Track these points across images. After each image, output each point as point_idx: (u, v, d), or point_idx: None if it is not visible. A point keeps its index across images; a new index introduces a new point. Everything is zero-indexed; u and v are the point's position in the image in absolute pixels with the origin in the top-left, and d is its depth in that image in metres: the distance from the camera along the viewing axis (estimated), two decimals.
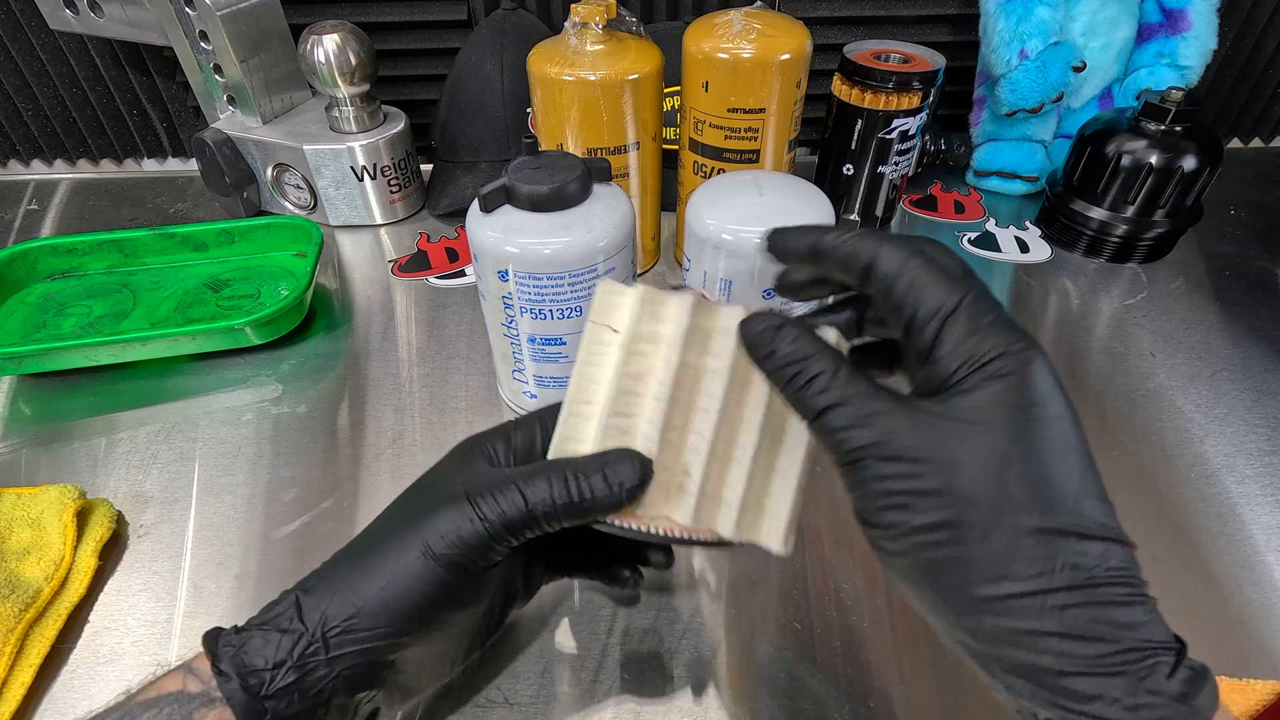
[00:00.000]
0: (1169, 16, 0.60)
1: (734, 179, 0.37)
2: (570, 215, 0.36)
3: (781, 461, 0.25)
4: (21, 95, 0.66)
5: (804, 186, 0.36)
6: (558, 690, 0.32)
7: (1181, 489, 0.41)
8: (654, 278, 0.57)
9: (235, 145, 0.60)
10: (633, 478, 0.24)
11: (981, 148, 0.66)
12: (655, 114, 0.49)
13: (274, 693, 0.24)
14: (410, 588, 0.24)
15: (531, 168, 0.36)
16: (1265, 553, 0.38)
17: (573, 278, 0.36)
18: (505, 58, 0.58)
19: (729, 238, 0.34)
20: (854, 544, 0.38)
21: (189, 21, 0.56)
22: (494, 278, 0.36)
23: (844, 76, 0.54)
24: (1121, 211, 0.56)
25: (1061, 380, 0.22)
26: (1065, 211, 0.59)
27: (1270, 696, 0.30)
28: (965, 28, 0.64)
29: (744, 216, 0.34)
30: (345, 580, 0.25)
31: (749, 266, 0.34)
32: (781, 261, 0.27)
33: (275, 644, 0.24)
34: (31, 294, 0.53)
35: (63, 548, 0.36)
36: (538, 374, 0.41)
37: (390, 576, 0.24)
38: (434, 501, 0.25)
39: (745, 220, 0.34)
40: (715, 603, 0.36)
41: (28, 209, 0.67)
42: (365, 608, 0.24)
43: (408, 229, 0.63)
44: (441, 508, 0.25)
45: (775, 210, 0.35)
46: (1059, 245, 0.60)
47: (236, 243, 0.56)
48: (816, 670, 0.33)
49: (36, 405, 0.47)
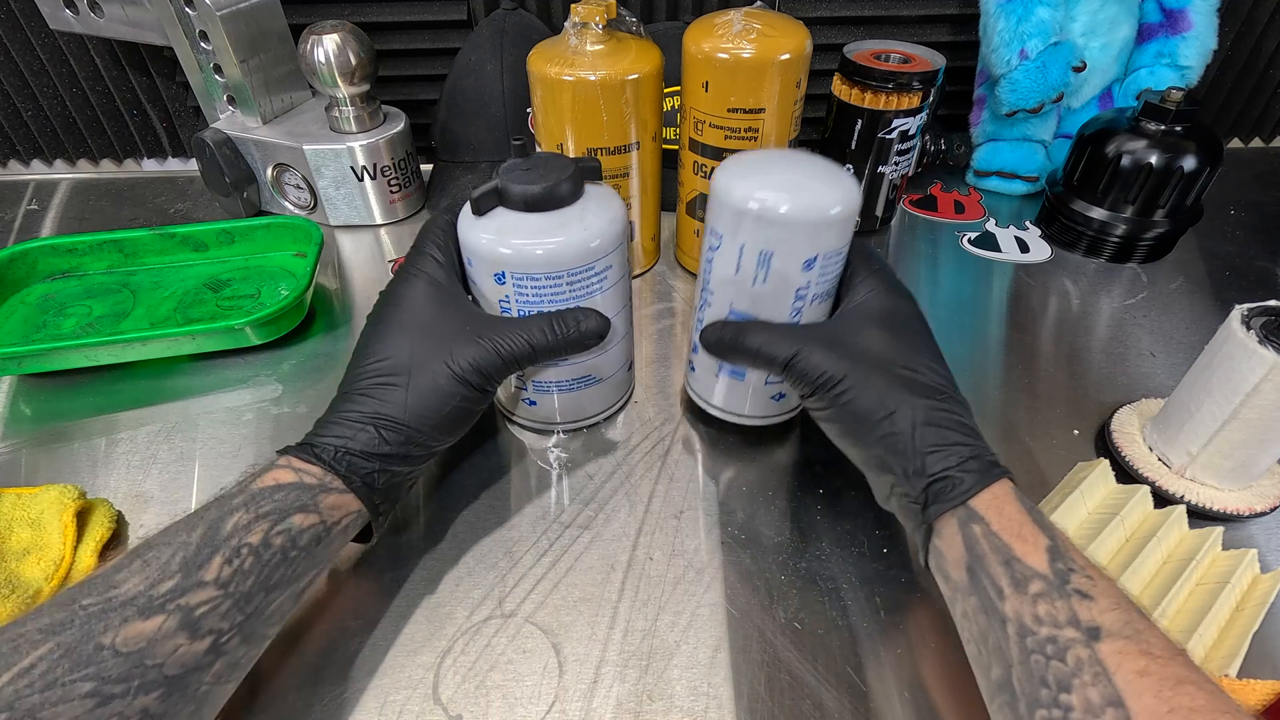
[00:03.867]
0: (1169, 16, 0.60)
1: (753, 155, 0.36)
2: (565, 214, 0.36)
3: None
4: (21, 95, 0.66)
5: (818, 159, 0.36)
6: (557, 690, 0.32)
7: None
8: (653, 277, 0.57)
9: (235, 145, 0.60)
10: (599, 326, 0.36)
11: (981, 148, 0.66)
12: (655, 114, 0.49)
13: (381, 485, 0.32)
14: (455, 406, 0.34)
15: (522, 169, 0.36)
16: (1266, 552, 0.38)
17: (570, 277, 0.36)
18: (505, 58, 0.58)
19: (786, 210, 0.33)
20: (854, 544, 0.38)
21: (189, 21, 0.56)
22: (490, 281, 0.36)
23: (844, 76, 0.54)
24: (1121, 211, 0.56)
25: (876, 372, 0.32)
26: (1065, 211, 0.59)
27: (1270, 696, 0.30)
28: (965, 28, 0.64)
29: (783, 184, 0.33)
30: (403, 404, 0.33)
31: (795, 236, 0.34)
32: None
33: (375, 456, 0.32)
34: (31, 294, 0.53)
35: (63, 548, 0.36)
36: (536, 379, 0.41)
37: (440, 398, 0.33)
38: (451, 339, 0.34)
39: (786, 188, 0.33)
40: (715, 603, 0.36)
41: (28, 209, 0.67)
42: (426, 422, 0.33)
43: (408, 229, 0.63)
44: (466, 347, 0.34)
45: (810, 179, 0.34)
46: (1059, 245, 0.60)
47: (236, 243, 0.56)
48: (816, 670, 0.33)
49: (36, 405, 0.47)
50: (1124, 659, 0.23)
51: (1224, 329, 0.37)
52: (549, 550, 0.38)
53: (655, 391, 0.47)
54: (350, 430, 0.32)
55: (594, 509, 0.40)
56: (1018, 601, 0.26)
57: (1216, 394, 0.37)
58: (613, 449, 0.43)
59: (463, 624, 0.35)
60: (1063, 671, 0.24)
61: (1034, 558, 0.27)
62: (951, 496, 0.29)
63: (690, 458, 0.43)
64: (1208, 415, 0.37)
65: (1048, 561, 0.26)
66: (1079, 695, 0.23)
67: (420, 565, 0.37)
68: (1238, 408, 0.36)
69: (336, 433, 0.32)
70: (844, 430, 0.33)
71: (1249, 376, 0.35)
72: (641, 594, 0.36)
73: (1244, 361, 0.35)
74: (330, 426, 0.33)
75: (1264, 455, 0.38)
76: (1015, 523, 0.28)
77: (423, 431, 0.33)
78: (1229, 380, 0.36)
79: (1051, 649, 0.24)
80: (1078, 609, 0.25)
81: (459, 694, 0.32)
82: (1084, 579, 0.26)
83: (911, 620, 0.35)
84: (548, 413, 0.43)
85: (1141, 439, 0.42)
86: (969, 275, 0.58)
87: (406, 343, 0.34)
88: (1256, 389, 0.35)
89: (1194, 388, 0.38)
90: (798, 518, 0.39)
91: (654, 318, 0.53)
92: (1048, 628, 0.25)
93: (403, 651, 0.34)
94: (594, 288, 0.37)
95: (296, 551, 0.29)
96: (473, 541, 0.38)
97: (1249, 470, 0.38)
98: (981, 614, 0.27)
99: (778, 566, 0.37)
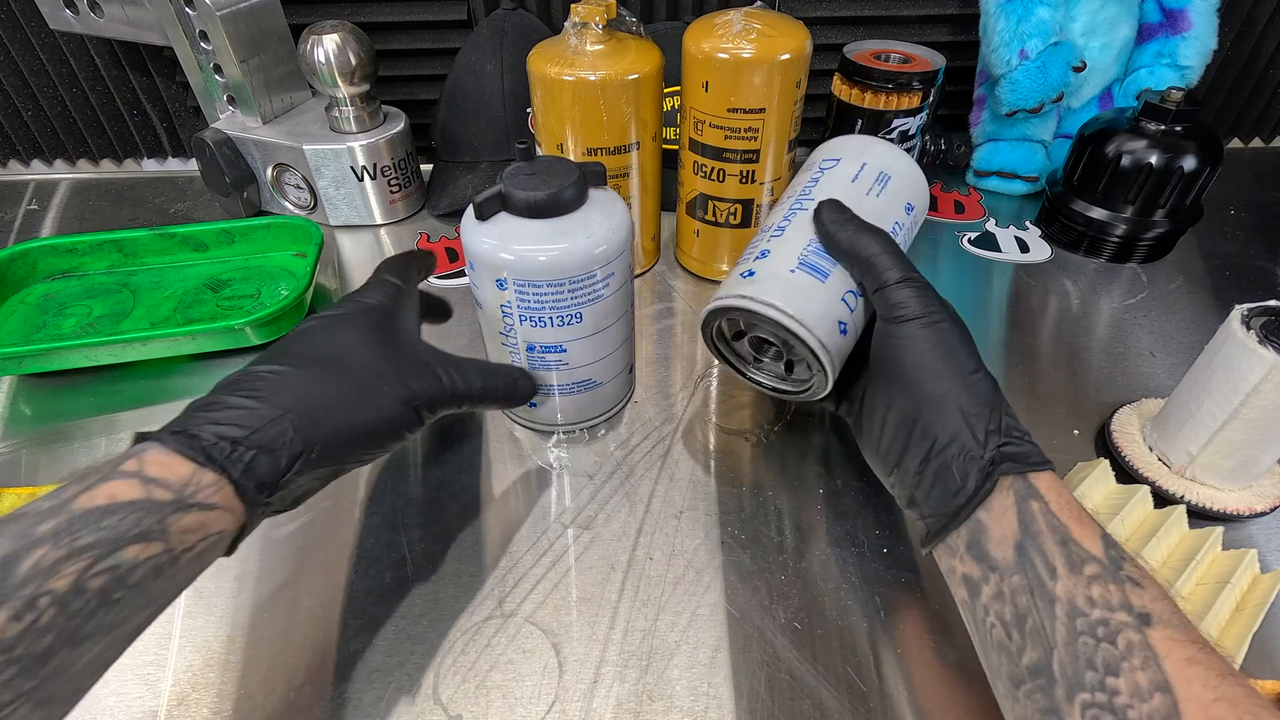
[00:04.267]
0: (1169, 16, 0.60)
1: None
2: (568, 221, 0.35)
3: None
4: (21, 95, 0.66)
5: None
6: (557, 689, 0.32)
7: None
8: (653, 277, 0.57)
9: (235, 145, 0.60)
10: (528, 388, 0.38)
11: (981, 148, 0.66)
12: (655, 114, 0.49)
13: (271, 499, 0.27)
14: (391, 426, 0.31)
15: (526, 174, 0.35)
16: (1266, 552, 0.38)
17: (573, 284, 0.36)
18: (505, 58, 0.58)
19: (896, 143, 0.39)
20: (854, 544, 0.38)
21: (189, 21, 0.56)
22: (491, 286, 0.36)
23: (844, 76, 0.54)
24: (1121, 211, 0.56)
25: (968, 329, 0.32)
26: (1065, 211, 0.59)
27: (1270, 696, 0.30)
28: (965, 28, 0.64)
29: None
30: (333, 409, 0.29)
31: (908, 170, 0.39)
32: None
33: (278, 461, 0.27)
34: (31, 294, 0.53)
35: None
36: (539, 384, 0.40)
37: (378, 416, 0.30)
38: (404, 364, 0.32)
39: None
40: (715, 603, 0.36)
41: (28, 209, 0.67)
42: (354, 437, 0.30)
43: (408, 229, 0.63)
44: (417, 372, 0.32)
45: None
46: (1059, 245, 0.60)
47: (236, 243, 0.56)
48: (816, 670, 0.33)
49: (37, 405, 0.47)
50: (1174, 646, 0.23)
51: (1224, 329, 0.37)
52: (549, 550, 0.38)
53: (655, 391, 0.47)
54: (254, 419, 0.27)
55: (594, 509, 0.40)
56: (1071, 582, 0.26)
57: (1216, 394, 0.37)
58: (613, 449, 0.43)
59: (463, 624, 0.35)
60: (1112, 655, 0.24)
61: (1090, 542, 0.26)
62: (1026, 459, 0.28)
63: (690, 458, 0.43)
64: (1208, 415, 0.37)
65: (1103, 547, 0.26)
66: (1127, 679, 0.23)
67: (420, 565, 0.37)
68: (1238, 408, 0.36)
69: (235, 419, 0.26)
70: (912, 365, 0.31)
71: (1249, 376, 0.35)
72: (641, 594, 0.36)
73: (1244, 361, 0.35)
74: (226, 409, 0.27)
75: (1264, 455, 0.38)
76: (1072, 506, 0.28)
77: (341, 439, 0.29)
78: (1229, 380, 0.36)
79: (1103, 631, 0.24)
80: (1130, 595, 0.25)
81: (459, 694, 0.32)
82: (1134, 568, 0.26)
83: (911, 620, 0.35)
84: (549, 414, 0.43)
85: (1141, 439, 0.42)
86: (969, 275, 0.58)
87: (356, 340, 0.32)
88: (1256, 389, 0.35)
89: (1194, 388, 0.38)
90: (798, 518, 0.39)
91: (654, 318, 0.53)
92: (1100, 610, 0.25)
93: (402, 652, 0.34)
94: (596, 294, 0.37)
95: (123, 592, 0.23)
96: (472, 541, 0.38)
97: (1249, 470, 0.39)
98: (1025, 593, 0.27)
99: (778, 566, 0.37)
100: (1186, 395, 0.39)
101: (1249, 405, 0.35)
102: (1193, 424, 0.38)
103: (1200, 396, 0.38)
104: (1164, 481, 0.40)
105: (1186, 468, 0.39)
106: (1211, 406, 0.37)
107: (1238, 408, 0.36)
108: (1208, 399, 0.37)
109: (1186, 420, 0.39)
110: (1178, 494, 0.39)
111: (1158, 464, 0.41)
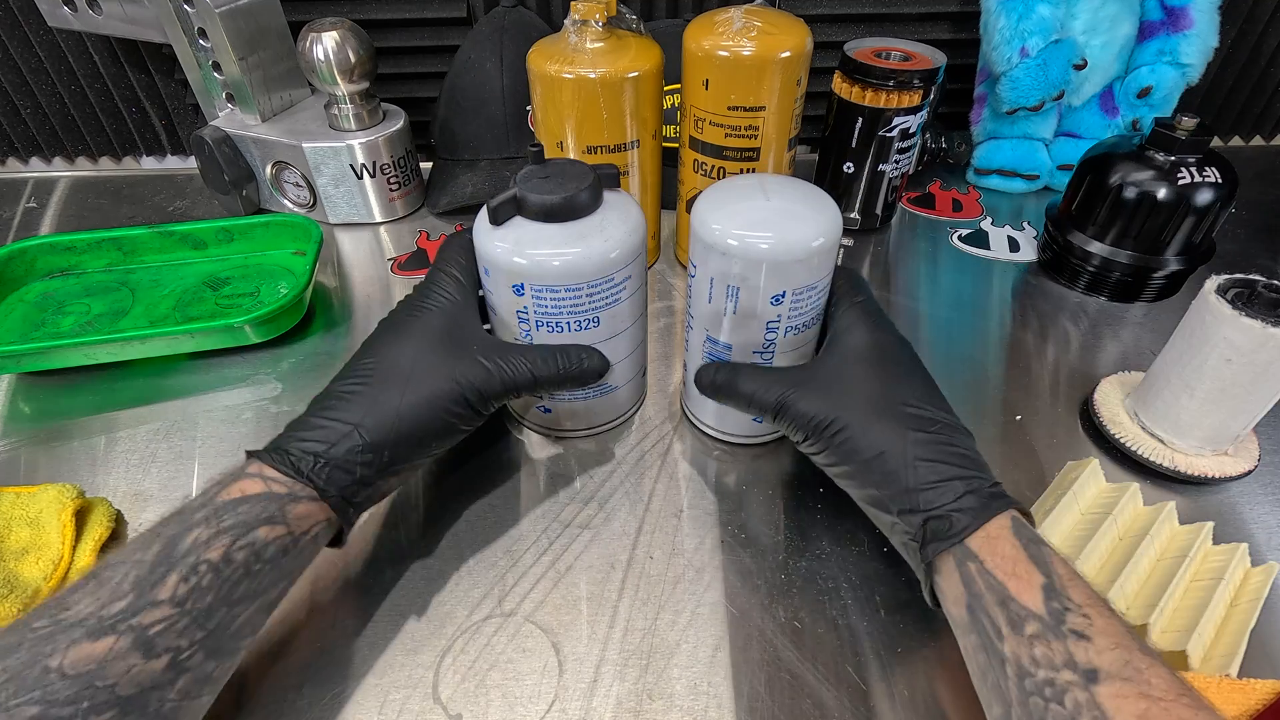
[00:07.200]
0: (1170, 14, 0.59)
1: (739, 183, 0.36)
2: (584, 225, 0.35)
3: None
4: (20, 93, 0.66)
5: (809, 190, 0.36)
6: (557, 688, 0.32)
7: None
8: (654, 276, 0.57)
9: (234, 143, 0.60)
10: (600, 365, 0.36)
11: (982, 146, 0.66)
12: (655, 112, 0.49)
13: (357, 500, 0.32)
14: (446, 421, 0.34)
15: (540, 177, 0.35)
16: (1266, 552, 0.38)
17: (590, 288, 0.35)
18: (505, 55, 0.58)
19: (735, 244, 0.33)
20: (854, 543, 0.38)
21: (188, 19, 0.56)
22: (508, 292, 0.36)
23: (844, 74, 0.54)
24: (1123, 247, 0.52)
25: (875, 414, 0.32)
26: (1061, 243, 0.55)
27: (1270, 696, 0.30)
28: (966, 25, 0.64)
29: (751, 222, 0.34)
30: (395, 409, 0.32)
31: (757, 273, 0.34)
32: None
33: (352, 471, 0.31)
34: (30, 292, 0.53)
35: (61, 547, 0.36)
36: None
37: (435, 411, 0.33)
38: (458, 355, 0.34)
39: (752, 226, 0.33)
40: (715, 602, 0.36)
41: (26, 207, 0.67)
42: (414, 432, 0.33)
43: (407, 227, 0.63)
44: (471, 365, 0.34)
45: (782, 215, 0.34)
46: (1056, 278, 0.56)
47: (236, 241, 0.56)
48: (816, 670, 0.33)
49: (35, 404, 0.47)
50: (1123, 702, 0.23)
51: (1199, 299, 0.38)
52: (549, 549, 0.38)
53: (655, 391, 0.47)
54: (332, 435, 0.31)
55: (594, 508, 0.40)
56: (1015, 643, 0.26)
57: (1194, 361, 0.38)
58: (613, 448, 0.43)
59: (462, 623, 0.35)
60: (1061, 715, 0.24)
61: (1028, 596, 0.26)
62: (947, 535, 0.29)
63: (690, 457, 0.43)
64: (1186, 382, 0.39)
65: (1043, 600, 0.26)
66: None
67: (420, 564, 0.37)
68: (1213, 373, 0.37)
69: (317, 437, 0.31)
70: (840, 472, 0.33)
71: (1223, 344, 0.36)
72: (641, 593, 0.36)
73: (1217, 328, 0.36)
74: (311, 430, 0.32)
75: (1240, 419, 0.39)
76: (1009, 560, 0.27)
77: (407, 442, 0.33)
78: (1205, 347, 0.37)
79: (1050, 692, 0.24)
80: (1074, 651, 0.24)
81: (459, 693, 0.32)
82: (1080, 618, 0.25)
83: (911, 620, 0.35)
84: (560, 419, 0.42)
85: (1124, 409, 0.44)
86: (968, 273, 0.58)
87: (412, 349, 0.34)
88: (1230, 355, 0.36)
89: (1173, 357, 0.40)
90: (798, 517, 0.39)
91: (654, 316, 0.53)
92: (1045, 670, 0.25)
93: (402, 651, 0.34)
94: (614, 298, 0.36)
95: (261, 565, 0.28)
96: (472, 540, 0.38)
97: (1226, 434, 0.40)
98: (981, 652, 0.27)
99: (778, 566, 0.37)
100: (1165, 364, 0.40)
101: (1223, 371, 0.37)
102: (1172, 391, 0.40)
103: (1179, 365, 0.39)
104: (1145, 449, 0.41)
105: (1167, 434, 0.41)
106: (1189, 374, 0.38)
107: (1213, 373, 0.37)
108: (1185, 367, 0.39)
109: (1165, 388, 0.40)
110: (1159, 461, 0.41)
111: (1139, 431, 0.42)
